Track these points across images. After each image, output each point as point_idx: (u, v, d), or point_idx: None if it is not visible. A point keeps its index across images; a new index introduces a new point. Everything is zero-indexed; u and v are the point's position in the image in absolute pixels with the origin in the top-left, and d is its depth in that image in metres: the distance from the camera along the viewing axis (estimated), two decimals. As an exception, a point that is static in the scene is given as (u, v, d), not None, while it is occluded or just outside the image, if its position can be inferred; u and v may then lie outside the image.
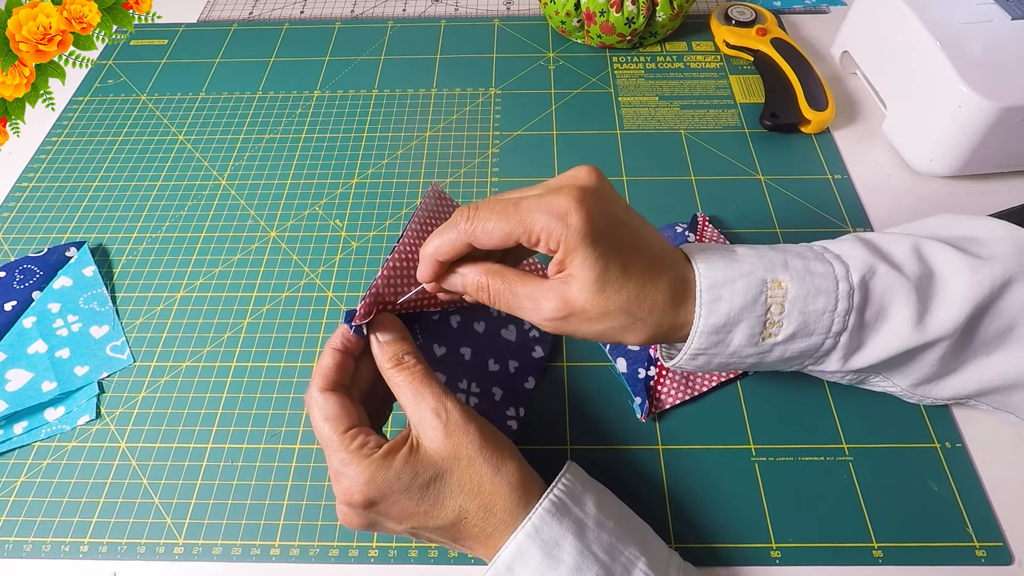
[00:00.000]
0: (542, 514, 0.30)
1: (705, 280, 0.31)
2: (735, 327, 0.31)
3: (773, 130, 0.55)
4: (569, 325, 0.31)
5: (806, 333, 0.31)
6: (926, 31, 0.48)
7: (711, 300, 0.30)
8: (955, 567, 0.35)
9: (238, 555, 0.37)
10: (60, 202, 0.54)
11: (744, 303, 0.31)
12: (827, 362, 0.33)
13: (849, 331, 0.31)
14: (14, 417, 0.42)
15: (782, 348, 0.32)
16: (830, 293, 0.31)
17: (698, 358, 0.32)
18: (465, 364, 0.38)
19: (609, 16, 0.59)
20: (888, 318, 0.32)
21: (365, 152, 0.56)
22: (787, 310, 0.31)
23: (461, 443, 0.30)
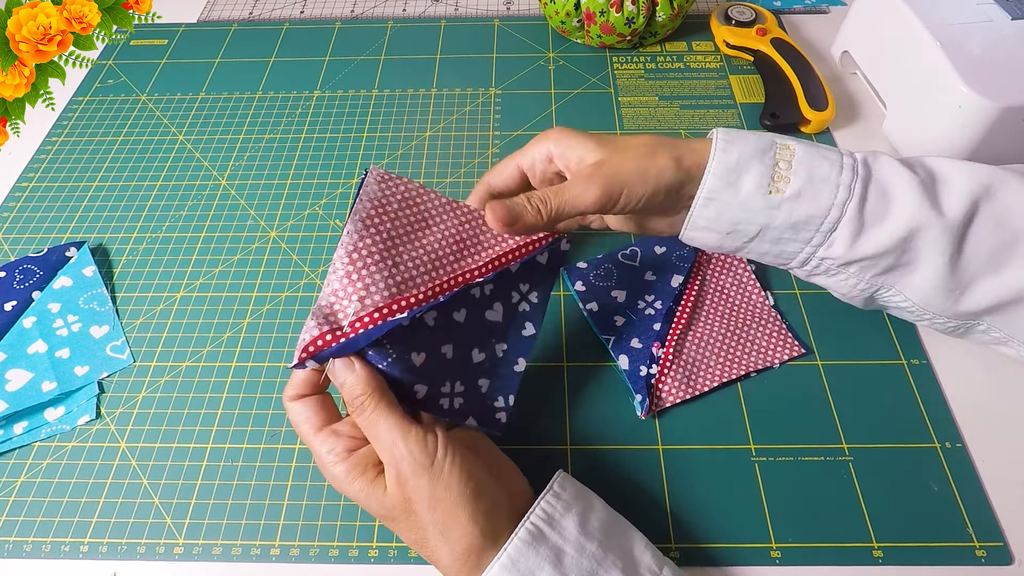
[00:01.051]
0: (518, 544, 0.29)
1: (721, 132, 0.35)
2: (745, 171, 0.33)
3: (773, 130, 0.55)
4: (607, 169, 0.34)
5: (812, 194, 0.33)
6: (926, 31, 0.48)
7: (725, 144, 0.34)
8: (955, 567, 0.35)
9: (238, 555, 0.37)
10: (60, 202, 0.54)
11: (754, 151, 0.34)
12: (834, 243, 0.34)
13: (854, 201, 0.33)
14: (14, 417, 0.42)
15: (790, 206, 0.33)
16: (834, 161, 0.33)
17: (710, 205, 0.34)
18: (447, 364, 0.34)
19: (609, 16, 0.59)
20: (893, 197, 0.33)
21: (365, 152, 0.56)
22: (794, 167, 0.33)
23: (410, 498, 0.30)
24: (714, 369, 0.42)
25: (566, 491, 0.32)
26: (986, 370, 0.42)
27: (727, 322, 0.43)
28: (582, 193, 0.34)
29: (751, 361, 0.42)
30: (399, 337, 0.31)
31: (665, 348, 0.42)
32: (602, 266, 0.46)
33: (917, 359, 0.42)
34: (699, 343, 0.43)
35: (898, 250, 0.33)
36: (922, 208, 0.32)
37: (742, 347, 0.42)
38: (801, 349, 0.43)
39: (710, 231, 0.35)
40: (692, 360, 0.42)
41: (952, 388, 0.41)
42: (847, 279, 0.35)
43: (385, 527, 0.33)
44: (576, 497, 0.32)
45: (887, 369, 0.42)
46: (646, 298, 0.45)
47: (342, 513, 0.38)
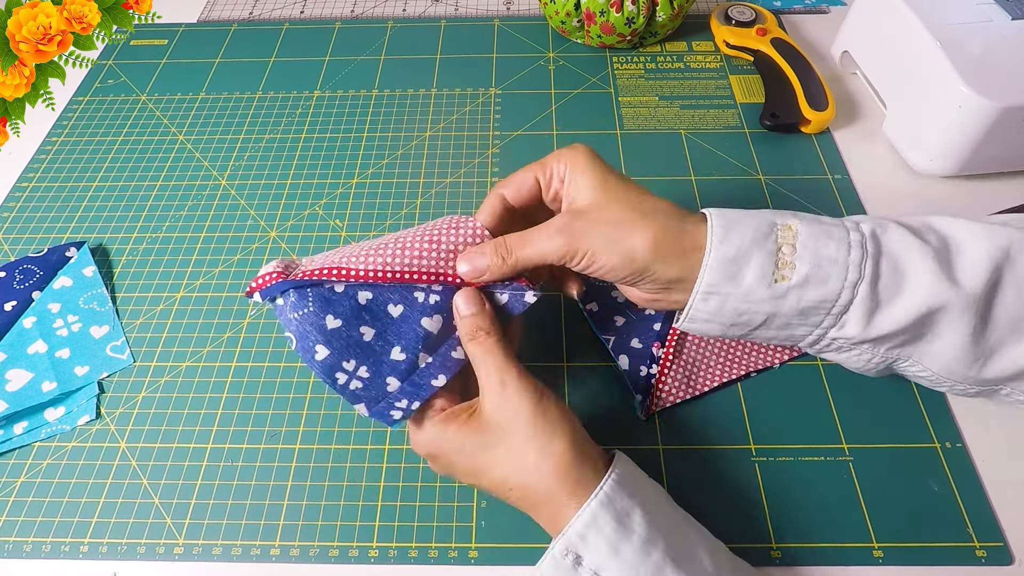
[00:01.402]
0: (612, 484, 0.30)
1: (716, 217, 0.32)
2: (746, 263, 0.31)
3: (773, 130, 0.55)
4: (577, 227, 0.32)
5: (821, 279, 0.31)
6: (926, 31, 0.48)
7: (723, 232, 0.31)
8: (955, 567, 0.35)
9: (238, 555, 0.37)
10: (60, 202, 0.54)
11: (755, 237, 0.31)
12: (848, 324, 0.32)
13: (866, 281, 0.30)
14: (14, 417, 0.42)
15: (797, 294, 0.31)
16: (841, 239, 0.31)
17: (710, 299, 0.32)
18: (360, 344, 0.34)
19: (609, 16, 0.59)
20: (907, 273, 0.31)
21: (365, 152, 0.56)
22: (799, 251, 0.31)
23: (512, 417, 0.31)
24: (714, 369, 0.42)
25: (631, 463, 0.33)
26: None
27: (727, 322, 0.43)
28: (544, 247, 0.33)
29: (751, 361, 0.42)
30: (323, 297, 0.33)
31: (665, 348, 0.42)
32: None
33: (917, 359, 0.42)
34: (699, 343, 0.43)
35: (916, 327, 0.31)
36: (939, 283, 0.30)
37: (742, 347, 0.42)
38: (801, 349, 0.43)
39: (711, 323, 0.33)
40: (692, 360, 0.42)
41: (952, 388, 0.41)
42: (861, 355, 0.34)
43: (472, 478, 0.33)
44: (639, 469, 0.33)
45: (887, 369, 0.42)
46: (646, 298, 0.45)
47: (342, 513, 0.38)
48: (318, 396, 0.42)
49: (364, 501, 0.38)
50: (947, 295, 0.30)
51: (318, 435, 0.41)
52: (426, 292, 0.34)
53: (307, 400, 0.42)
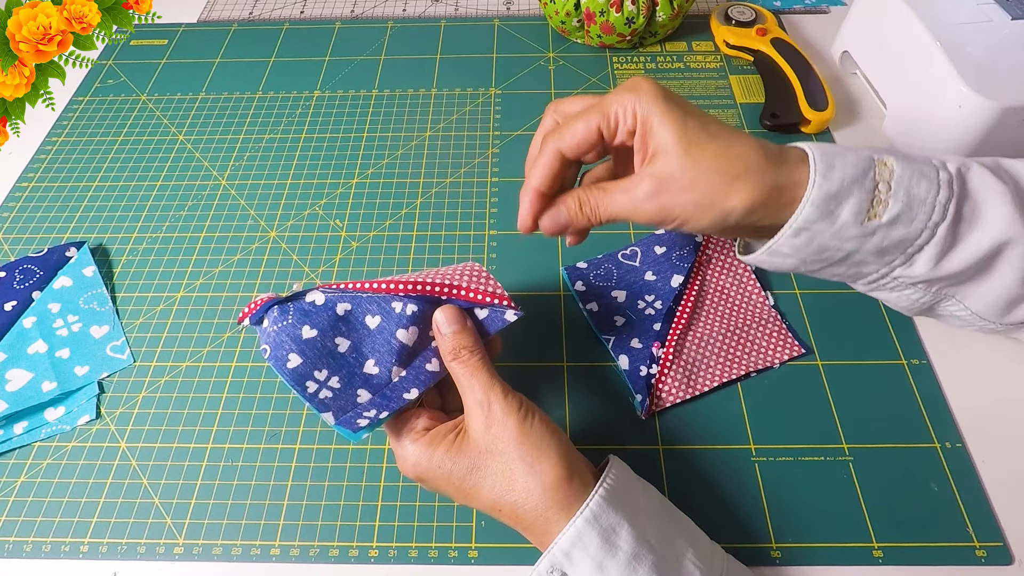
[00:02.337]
0: (599, 500, 0.30)
1: (817, 151, 0.30)
2: (845, 199, 0.30)
3: (773, 130, 0.55)
4: (665, 200, 0.31)
5: (908, 218, 0.30)
6: (926, 31, 0.48)
7: (825, 168, 0.30)
8: (955, 567, 0.35)
9: (238, 555, 0.37)
10: (60, 202, 0.54)
11: (855, 175, 0.30)
12: (917, 263, 0.31)
13: (947, 223, 0.30)
14: (14, 417, 0.42)
15: (883, 233, 0.31)
16: (932, 179, 0.30)
17: (801, 235, 0.31)
18: (333, 355, 0.33)
19: (609, 16, 0.59)
20: (983, 214, 0.31)
21: (365, 152, 0.56)
22: (893, 189, 0.30)
23: (498, 437, 0.31)
24: (714, 369, 0.42)
25: (625, 468, 0.33)
26: (986, 370, 0.42)
27: (727, 322, 0.43)
28: (632, 212, 0.32)
29: (751, 361, 0.42)
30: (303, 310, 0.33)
31: (665, 348, 0.42)
32: (602, 266, 0.46)
33: (917, 359, 0.42)
34: (699, 343, 0.43)
35: (979, 266, 0.32)
36: (1014, 223, 0.31)
37: (742, 347, 0.42)
38: (801, 349, 0.43)
39: (791, 257, 0.32)
40: (692, 360, 0.42)
41: (952, 388, 0.41)
42: (912, 294, 0.34)
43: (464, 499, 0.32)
44: (634, 475, 0.33)
45: (887, 369, 0.42)
46: (646, 298, 0.45)
47: (342, 513, 0.38)
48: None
49: (364, 501, 0.38)
50: (1018, 232, 0.30)
51: (318, 435, 0.41)
52: (404, 302, 0.34)
53: (307, 400, 0.42)
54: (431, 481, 0.32)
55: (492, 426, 0.31)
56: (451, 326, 0.33)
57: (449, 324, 0.33)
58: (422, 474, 0.32)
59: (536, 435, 0.31)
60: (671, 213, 0.31)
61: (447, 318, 0.33)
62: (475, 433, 0.32)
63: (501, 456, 0.31)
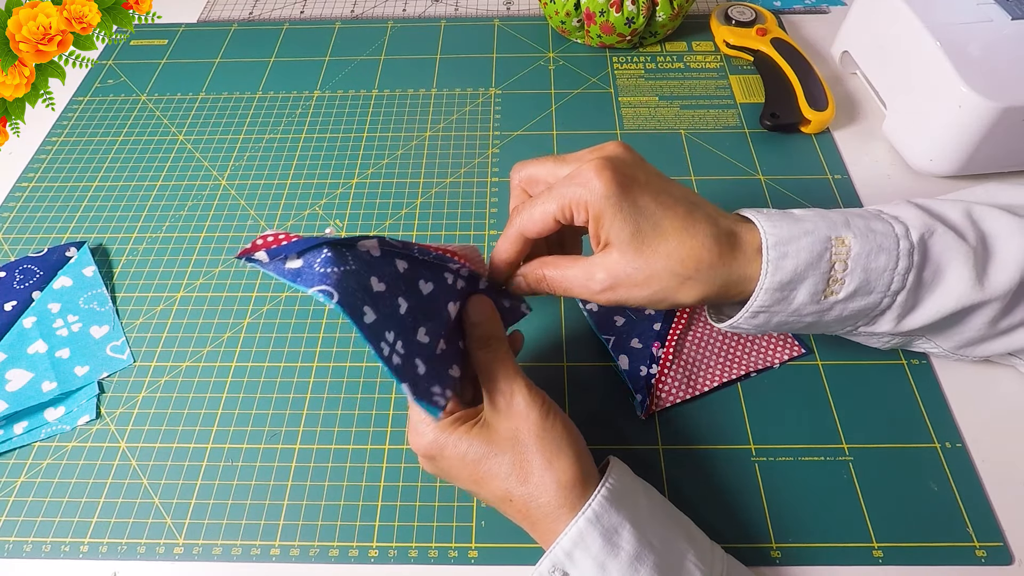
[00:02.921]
0: (601, 501, 0.30)
1: (771, 237, 0.31)
2: (800, 284, 0.31)
3: (773, 130, 0.55)
4: (620, 294, 0.32)
5: (866, 291, 0.31)
6: (926, 31, 0.48)
7: (778, 257, 0.31)
8: (955, 567, 0.35)
9: (238, 555, 0.37)
10: (60, 202, 0.54)
11: (810, 260, 0.31)
12: (880, 323, 0.33)
13: (907, 290, 0.32)
14: (14, 417, 0.42)
15: (841, 307, 0.32)
16: (891, 251, 0.31)
17: (758, 316, 0.32)
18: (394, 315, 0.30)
19: (609, 16, 0.59)
20: (945, 278, 0.32)
21: (365, 152, 0.56)
22: (850, 267, 0.31)
23: (519, 428, 0.31)
24: (714, 369, 0.42)
25: (626, 470, 0.33)
26: (986, 370, 0.42)
27: (727, 322, 0.43)
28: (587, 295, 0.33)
29: (751, 361, 0.42)
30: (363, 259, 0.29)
31: (665, 348, 0.42)
32: None
33: (917, 359, 0.42)
34: (699, 343, 0.43)
35: (941, 324, 0.33)
36: (973, 289, 0.32)
37: (742, 347, 0.42)
38: (801, 349, 0.43)
39: (753, 330, 0.35)
40: (692, 360, 0.42)
41: (952, 388, 0.41)
42: (882, 339, 0.36)
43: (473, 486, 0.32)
44: (635, 476, 0.33)
45: (887, 369, 0.42)
46: (646, 298, 0.45)
47: (342, 513, 0.38)
48: (318, 396, 0.42)
49: (364, 501, 0.38)
50: (977, 297, 0.32)
51: (318, 435, 0.41)
52: (455, 277, 0.33)
53: (307, 400, 0.42)
54: (443, 460, 0.32)
55: (513, 417, 0.31)
56: (482, 315, 0.34)
57: (480, 313, 0.34)
58: (436, 452, 0.32)
59: (556, 432, 0.31)
60: (625, 302, 0.33)
61: (479, 307, 0.34)
62: (495, 422, 0.32)
63: (520, 446, 0.31)
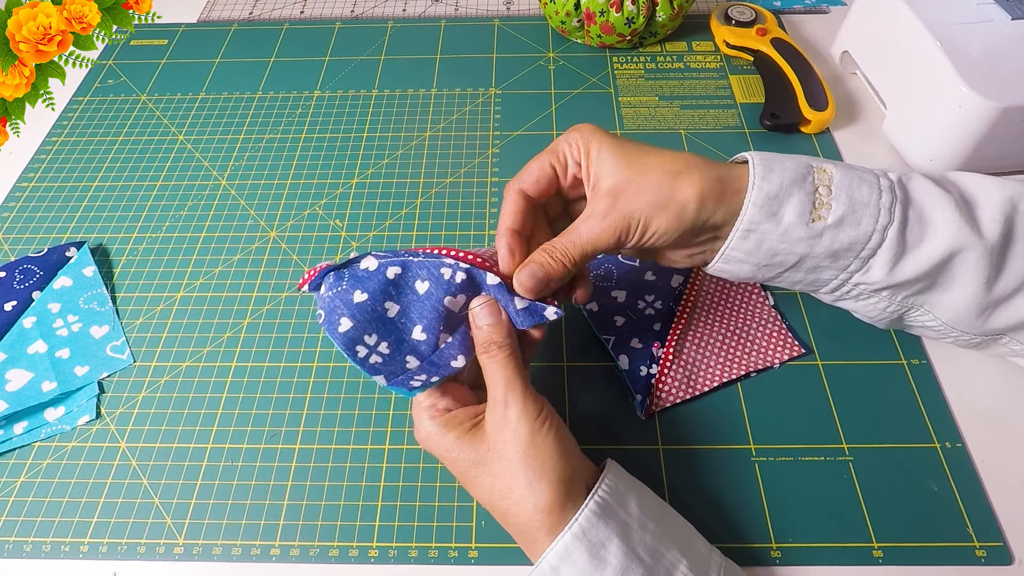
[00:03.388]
0: (588, 515, 0.30)
1: (757, 157, 0.32)
2: (786, 200, 0.32)
3: (773, 130, 0.55)
4: (623, 206, 0.32)
5: (854, 220, 0.32)
6: (926, 31, 0.48)
7: (764, 171, 0.32)
8: (955, 567, 0.35)
9: (238, 555, 0.37)
10: (60, 202, 0.54)
11: (794, 178, 0.32)
12: (872, 268, 0.33)
13: (896, 225, 0.32)
14: (14, 417, 0.42)
15: (831, 235, 0.32)
16: (873, 184, 0.32)
17: (749, 236, 0.32)
18: (381, 319, 0.33)
19: (609, 16, 0.59)
20: (931, 221, 0.32)
21: (365, 152, 0.56)
22: (834, 192, 0.32)
23: (507, 441, 0.31)
24: (714, 369, 0.42)
25: (621, 475, 0.33)
26: (986, 370, 0.42)
27: (727, 322, 0.43)
28: (598, 236, 0.33)
29: (751, 361, 0.42)
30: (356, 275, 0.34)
31: (665, 348, 0.42)
32: (602, 266, 0.46)
33: (917, 359, 0.42)
34: (699, 343, 0.43)
35: (935, 273, 0.33)
36: (962, 230, 0.32)
37: (742, 347, 0.42)
38: (801, 349, 0.43)
39: (745, 263, 0.34)
40: (692, 360, 0.42)
41: (952, 388, 0.41)
42: (878, 302, 0.35)
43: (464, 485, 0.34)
44: (631, 481, 0.33)
45: (887, 369, 0.42)
46: (646, 298, 0.45)
47: (342, 513, 0.38)
48: (318, 396, 0.42)
49: (364, 501, 0.38)
50: (968, 240, 0.32)
51: (318, 435, 0.41)
52: (454, 269, 0.34)
53: (307, 400, 0.42)
54: (438, 458, 0.34)
55: (504, 429, 0.31)
56: (487, 319, 0.34)
57: (485, 317, 0.34)
58: (431, 449, 0.33)
59: (545, 449, 0.31)
60: (632, 218, 0.32)
61: (484, 311, 0.34)
62: (490, 429, 0.32)
63: (506, 461, 0.31)
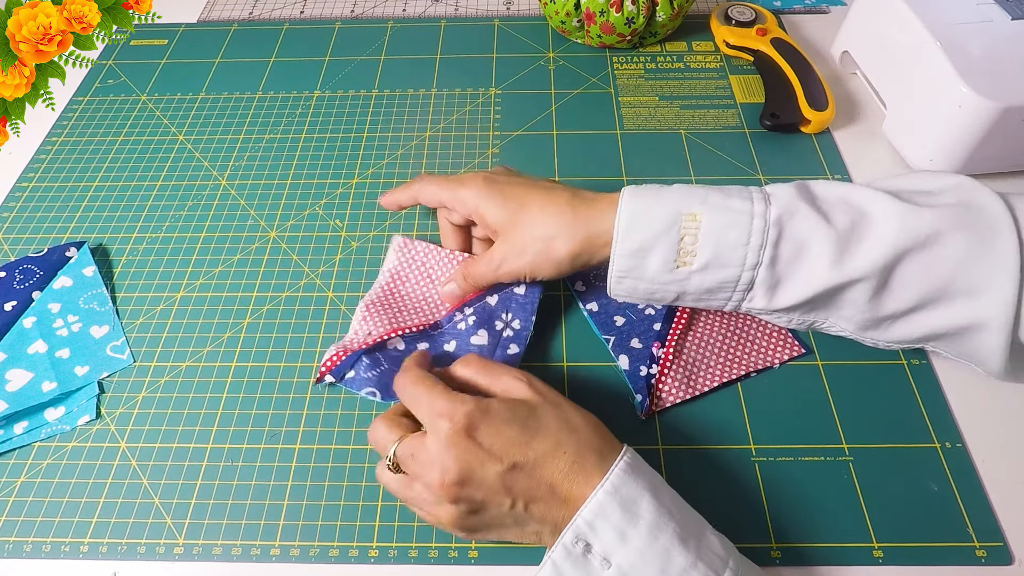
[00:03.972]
0: (619, 473, 0.31)
1: (628, 207, 0.35)
2: (650, 252, 0.35)
3: (773, 130, 0.55)
4: (510, 266, 0.39)
5: (720, 264, 0.34)
6: (926, 31, 0.48)
7: (626, 229, 0.35)
8: (955, 567, 0.35)
9: (238, 555, 0.37)
10: (60, 202, 0.54)
11: (658, 231, 0.35)
12: (754, 298, 0.36)
13: (765, 265, 0.34)
14: (14, 417, 0.42)
15: (699, 277, 0.35)
16: (743, 227, 0.34)
17: (623, 282, 0.37)
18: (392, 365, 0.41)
19: (609, 16, 0.59)
20: (805, 257, 0.34)
21: (365, 152, 0.56)
22: (700, 240, 0.34)
23: (545, 391, 0.34)
24: (714, 369, 0.42)
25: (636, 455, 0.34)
26: (986, 370, 0.42)
27: (727, 322, 0.43)
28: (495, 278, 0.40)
29: (751, 361, 0.42)
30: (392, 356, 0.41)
31: (665, 348, 0.42)
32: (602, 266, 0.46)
33: (917, 359, 0.42)
34: (699, 343, 0.43)
35: (814, 302, 0.35)
36: (832, 269, 0.34)
37: (742, 347, 0.42)
38: (801, 349, 0.43)
39: (632, 296, 0.38)
40: (692, 360, 0.42)
41: (952, 388, 0.41)
42: (779, 318, 0.38)
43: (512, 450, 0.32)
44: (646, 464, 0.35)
45: (887, 369, 0.42)
46: (646, 298, 0.45)
47: (342, 513, 0.38)
48: (318, 396, 0.42)
49: (364, 501, 0.38)
50: (838, 279, 0.34)
51: (318, 435, 0.41)
52: (464, 318, 0.42)
53: (307, 400, 0.42)
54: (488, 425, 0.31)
55: (534, 384, 0.34)
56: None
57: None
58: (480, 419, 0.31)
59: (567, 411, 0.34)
60: (520, 273, 0.39)
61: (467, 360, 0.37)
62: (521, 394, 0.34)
63: (553, 404, 0.33)
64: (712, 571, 0.29)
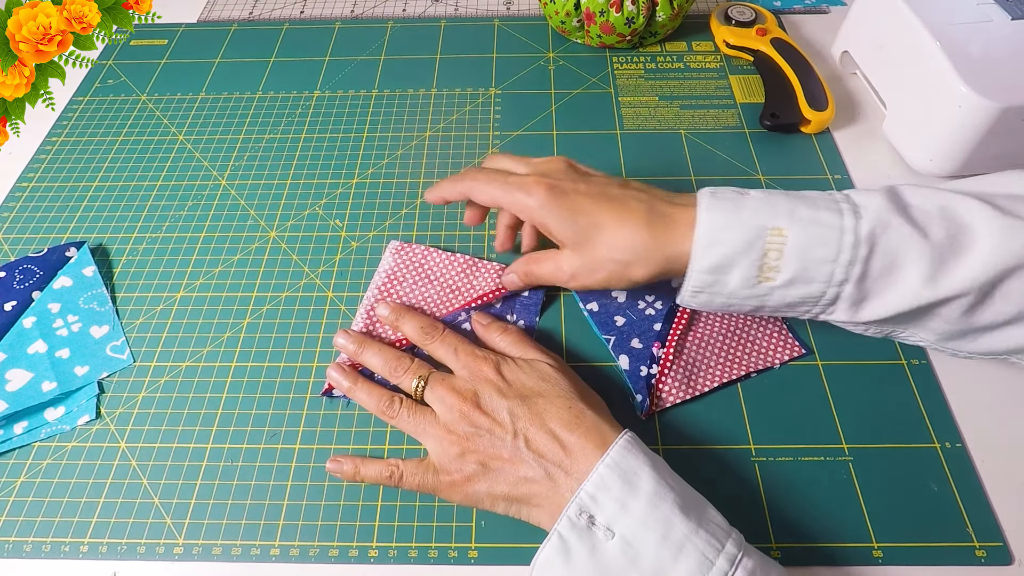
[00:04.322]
0: (619, 449, 0.33)
1: (707, 221, 0.33)
2: (731, 270, 0.33)
3: (773, 130, 0.55)
4: (583, 281, 0.38)
5: (805, 280, 0.32)
6: (926, 31, 0.48)
7: (706, 244, 0.33)
8: (955, 567, 0.35)
9: (238, 555, 0.37)
10: (60, 202, 0.54)
11: (740, 247, 0.33)
12: (835, 312, 0.34)
13: (853, 282, 0.32)
14: (14, 417, 0.42)
15: (781, 293, 0.33)
16: (831, 243, 0.32)
17: (698, 296, 0.35)
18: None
19: (609, 16, 0.59)
20: (898, 273, 0.32)
21: (365, 152, 0.56)
22: (786, 256, 0.32)
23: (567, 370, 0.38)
24: (714, 369, 0.42)
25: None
26: (986, 370, 0.42)
27: (727, 322, 0.43)
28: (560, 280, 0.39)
29: (751, 361, 0.42)
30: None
31: (665, 348, 0.42)
32: None
33: (917, 359, 0.42)
34: (699, 343, 0.43)
35: (902, 318, 0.33)
36: (925, 287, 0.31)
37: (742, 347, 0.42)
38: (801, 349, 0.43)
39: (706, 308, 0.37)
40: (692, 360, 0.42)
41: (952, 388, 0.41)
42: (855, 328, 0.36)
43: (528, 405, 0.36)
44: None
45: (887, 369, 0.42)
46: (646, 298, 0.45)
47: (342, 513, 0.38)
48: (318, 396, 0.42)
49: (364, 501, 0.38)
50: (931, 296, 0.31)
51: (318, 435, 0.41)
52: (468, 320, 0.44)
53: (307, 400, 0.42)
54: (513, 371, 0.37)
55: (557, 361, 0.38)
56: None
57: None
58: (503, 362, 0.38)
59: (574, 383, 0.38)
60: (591, 287, 0.38)
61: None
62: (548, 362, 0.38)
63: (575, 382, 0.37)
64: (714, 539, 0.30)
